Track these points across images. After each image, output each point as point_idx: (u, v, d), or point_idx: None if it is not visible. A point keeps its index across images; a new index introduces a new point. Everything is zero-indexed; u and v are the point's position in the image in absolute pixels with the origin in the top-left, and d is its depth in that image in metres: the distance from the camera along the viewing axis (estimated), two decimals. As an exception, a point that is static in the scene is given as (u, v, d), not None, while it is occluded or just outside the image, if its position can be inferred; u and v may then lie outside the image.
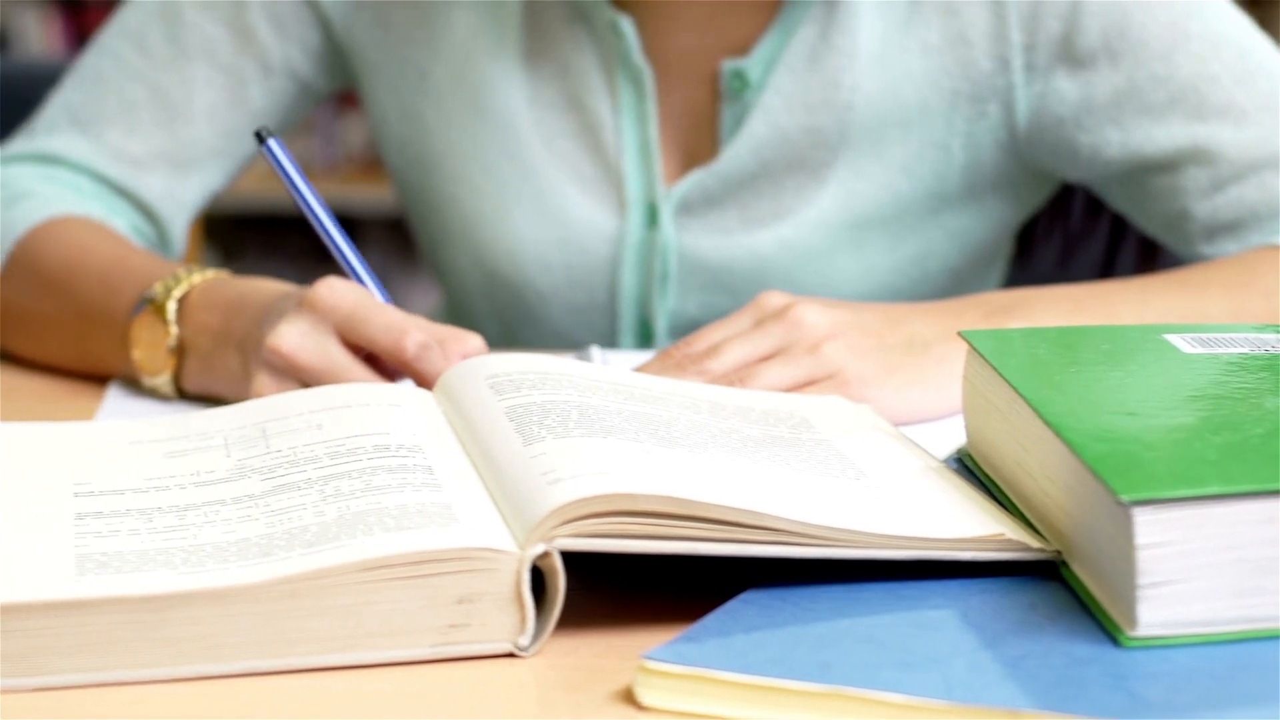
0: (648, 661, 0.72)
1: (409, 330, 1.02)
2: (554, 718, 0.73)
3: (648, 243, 1.33)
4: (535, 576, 0.77)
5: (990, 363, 0.88)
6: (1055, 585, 0.80)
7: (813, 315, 1.08)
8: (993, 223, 1.36)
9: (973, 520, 0.82)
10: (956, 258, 1.36)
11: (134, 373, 1.15)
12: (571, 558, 0.77)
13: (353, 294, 1.04)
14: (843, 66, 1.28)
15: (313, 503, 0.81)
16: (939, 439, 0.97)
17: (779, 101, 1.29)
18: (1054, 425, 0.80)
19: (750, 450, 0.89)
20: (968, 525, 0.81)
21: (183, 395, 1.14)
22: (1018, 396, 0.85)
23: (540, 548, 0.76)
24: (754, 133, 1.30)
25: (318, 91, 1.40)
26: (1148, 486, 0.73)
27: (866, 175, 1.31)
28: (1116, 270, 1.51)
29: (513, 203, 1.34)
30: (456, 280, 1.41)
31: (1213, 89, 1.25)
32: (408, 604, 0.75)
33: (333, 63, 1.39)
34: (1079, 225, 1.51)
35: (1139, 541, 0.73)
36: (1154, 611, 0.73)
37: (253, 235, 4.02)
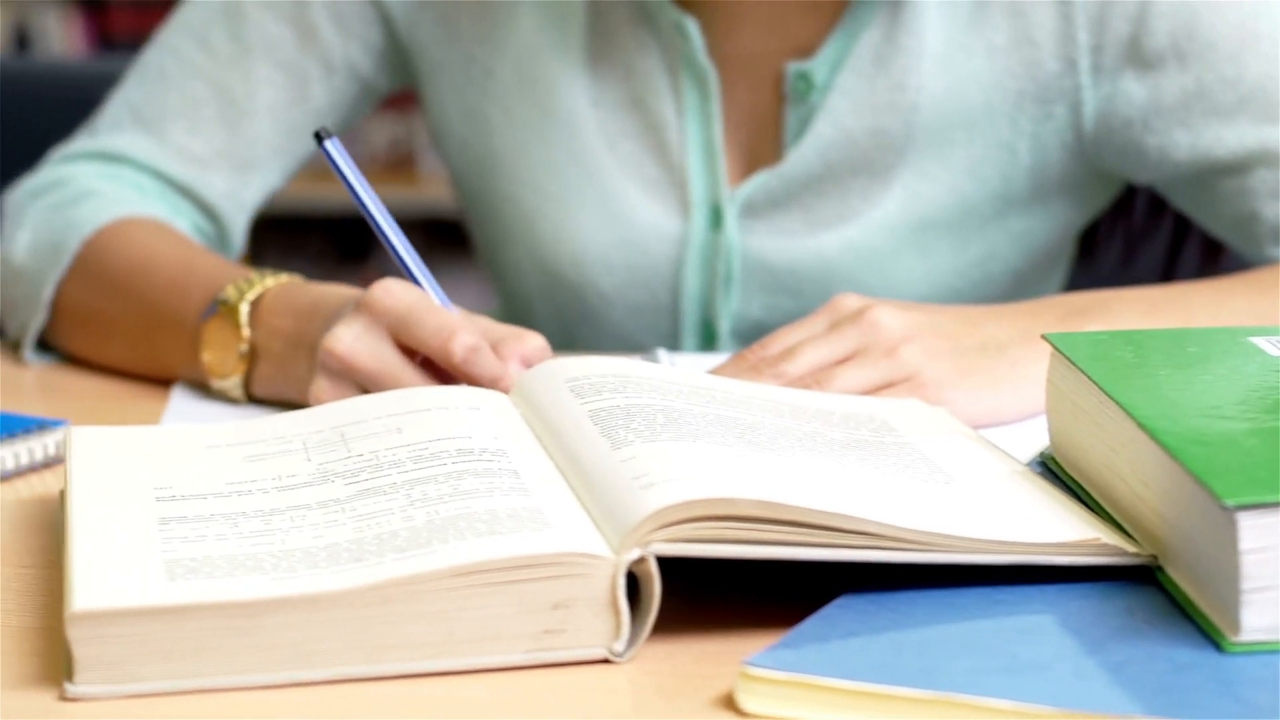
0: (749, 667, 0.71)
1: (457, 333, 1.01)
2: (652, 724, 0.72)
3: (711, 244, 1.32)
4: (629, 581, 0.77)
5: (1078, 365, 0.88)
6: (1151, 589, 0.79)
7: (889, 318, 1.07)
8: (1057, 225, 1.35)
9: (1066, 525, 0.82)
10: (1020, 260, 1.35)
11: (202, 375, 1.14)
12: (662, 563, 0.77)
13: (408, 296, 1.04)
14: (908, 68, 1.27)
15: (400, 507, 0.81)
16: (1015, 442, 0.96)
17: (844, 104, 1.28)
18: (1149, 429, 0.79)
19: (837, 454, 0.88)
20: (1061, 530, 0.81)
21: (249, 400, 1.14)
22: (1107, 399, 0.84)
23: (636, 553, 0.76)
24: (819, 135, 1.29)
25: (378, 90, 1.40)
26: (1251, 490, 0.72)
27: (931, 177, 1.30)
28: (1179, 271, 1.49)
29: (575, 203, 1.33)
30: (515, 281, 1.41)
31: (1282, 90, 1.24)
32: (502, 609, 0.75)
33: (394, 61, 1.38)
34: (1141, 225, 1.49)
35: (1243, 546, 0.72)
36: (1257, 616, 0.73)
37: (274, 235, 4.01)
